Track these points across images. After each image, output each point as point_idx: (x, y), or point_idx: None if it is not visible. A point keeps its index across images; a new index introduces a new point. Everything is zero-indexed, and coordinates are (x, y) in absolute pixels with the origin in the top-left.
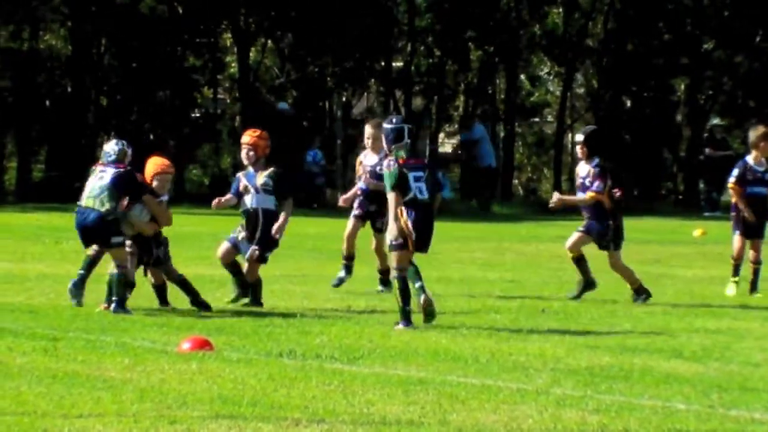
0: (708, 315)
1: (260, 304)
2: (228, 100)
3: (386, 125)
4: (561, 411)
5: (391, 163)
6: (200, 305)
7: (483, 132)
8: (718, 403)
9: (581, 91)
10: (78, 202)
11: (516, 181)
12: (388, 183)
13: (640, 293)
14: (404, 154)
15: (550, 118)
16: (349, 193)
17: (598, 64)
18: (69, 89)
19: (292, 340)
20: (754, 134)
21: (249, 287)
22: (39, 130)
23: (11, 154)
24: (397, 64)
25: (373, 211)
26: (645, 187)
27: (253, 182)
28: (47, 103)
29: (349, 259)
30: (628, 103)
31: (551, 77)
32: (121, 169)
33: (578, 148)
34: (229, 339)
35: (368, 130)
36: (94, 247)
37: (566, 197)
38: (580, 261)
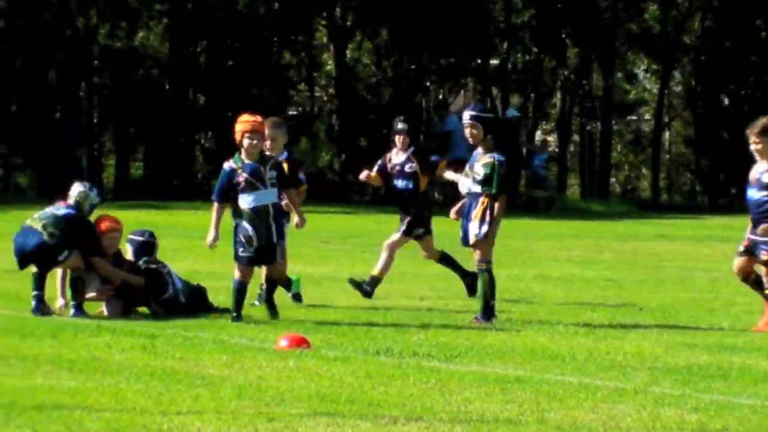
0: None
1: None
2: (324, 98)
3: (480, 113)
4: (659, 410)
5: (502, 160)
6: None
7: (456, 124)
8: None
9: (678, 88)
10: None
11: (613, 180)
12: (498, 182)
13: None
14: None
15: (647, 116)
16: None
17: (695, 61)
18: (166, 87)
19: (389, 338)
20: None
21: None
22: (137, 128)
23: (109, 152)
24: (494, 61)
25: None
26: (743, 186)
27: (261, 176)
28: (145, 101)
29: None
30: (726, 101)
31: (648, 75)
32: (77, 213)
33: (398, 138)
34: (327, 337)
35: (266, 130)
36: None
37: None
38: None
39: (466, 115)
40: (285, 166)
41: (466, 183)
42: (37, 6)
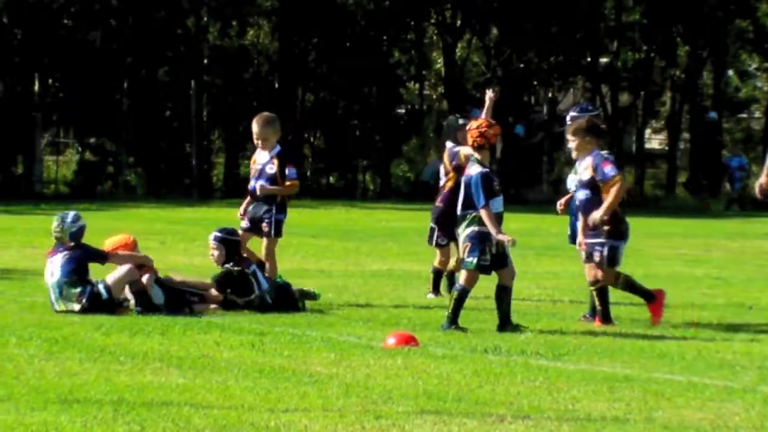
0: None
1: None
2: (434, 96)
3: (581, 115)
4: None
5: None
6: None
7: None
8: None
9: None
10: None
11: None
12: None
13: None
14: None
15: (757, 114)
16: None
17: None
18: (276, 85)
19: (497, 336)
20: None
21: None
22: (246, 126)
23: (219, 150)
24: (604, 59)
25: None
26: None
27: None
28: (254, 99)
29: None
30: None
31: (759, 72)
32: (68, 252)
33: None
34: (434, 335)
35: (256, 128)
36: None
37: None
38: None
39: (569, 117)
40: (275, 161)
41: (574, 180)
42: (147, 5)
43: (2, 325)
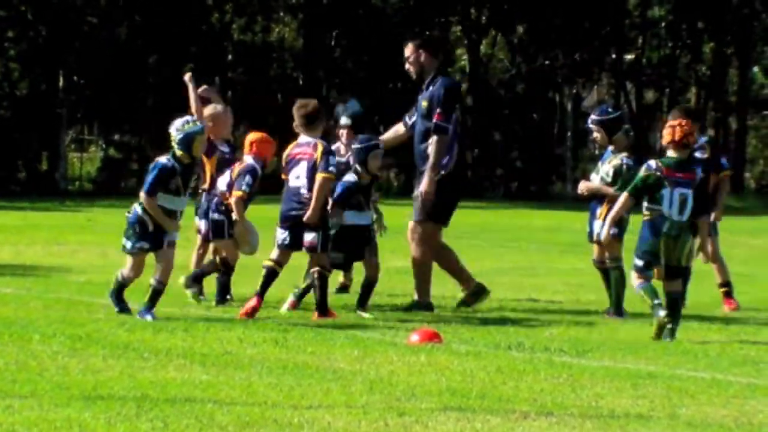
0: None
1: None
2: None
3: (600, 117)
4: None
5: (630, 164)
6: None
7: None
8: None
9: None
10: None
11: (748, 174)
12: (621, 184)
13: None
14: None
15: None
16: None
17: None
18: (300, 82)
19: (521, 332)
20: None
21: None
22: (271, 122)
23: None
24: (629, 56)
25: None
26: None
27: None
28: (279, 95)
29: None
30: None
31: None
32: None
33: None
34: (458, 331)
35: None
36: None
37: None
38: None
39: (589, 120)
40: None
41: (595, 180)
42: (172, 1)
43: (26, 321)
